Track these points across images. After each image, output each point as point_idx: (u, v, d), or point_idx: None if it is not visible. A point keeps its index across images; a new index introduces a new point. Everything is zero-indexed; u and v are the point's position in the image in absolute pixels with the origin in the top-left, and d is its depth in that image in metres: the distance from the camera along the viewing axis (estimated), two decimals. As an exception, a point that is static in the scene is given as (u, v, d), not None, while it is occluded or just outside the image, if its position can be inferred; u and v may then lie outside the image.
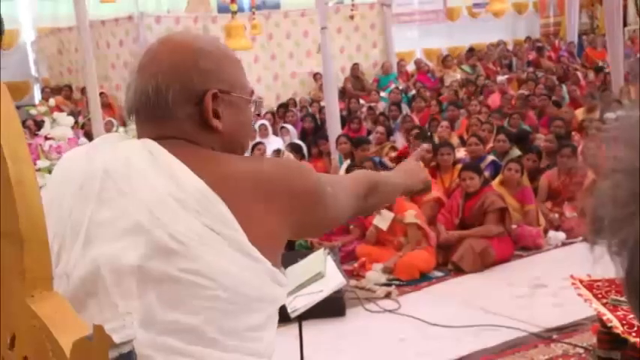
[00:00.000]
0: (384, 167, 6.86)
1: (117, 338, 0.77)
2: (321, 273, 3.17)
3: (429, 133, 8.20)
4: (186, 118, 1.29)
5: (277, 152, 7.23)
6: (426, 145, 1.52)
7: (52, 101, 4.55)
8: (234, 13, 6.80)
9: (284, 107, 10.99)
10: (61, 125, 3.49)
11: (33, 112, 4.13)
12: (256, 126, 8.74)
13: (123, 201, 1.18)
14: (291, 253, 5.52)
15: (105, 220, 1.17)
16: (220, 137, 1.32)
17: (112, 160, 1.23)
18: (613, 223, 0.57)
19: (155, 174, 1.20)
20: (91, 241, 1.15)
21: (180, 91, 1.28)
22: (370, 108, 10.46)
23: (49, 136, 3.39)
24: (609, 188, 0.57)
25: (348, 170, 6.59)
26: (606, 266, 0.64)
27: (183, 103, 1.29)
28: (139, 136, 1.32)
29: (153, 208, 1.17)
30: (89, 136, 7.34)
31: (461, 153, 7.28)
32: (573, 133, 7.87)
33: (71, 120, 3.62)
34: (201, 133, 1.30)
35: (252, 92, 1.41)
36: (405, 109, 10.45)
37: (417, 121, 9.01)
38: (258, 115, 8.85)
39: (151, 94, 1.28)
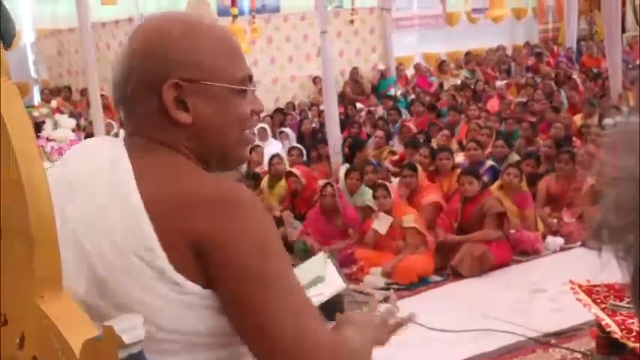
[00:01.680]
0: (384, 171, 6.87)
1: (127, 339, 0.78)
2: (321, 277, 3.17)
3: (423, 140, 8.19)
4: (148, 112, 1.17)
5: (276, 157, 7.21)
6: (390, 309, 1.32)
7: (53, 103, 4.56)
8: (234, 16, 6.81)
9: (281, 111, 10.98)
10: (63, 127, 3.49)
11: (35, 113, 4.14)
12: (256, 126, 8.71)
13: (74, 220, 1.08)
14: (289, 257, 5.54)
15: (63, 238, 1.01)
16: (192, 132, 1.18)
17: (78, 174, 1.15)
18: (619, 229, 0.58)
19: (106, 190, 1.10)
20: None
21: (139, 81, 1.17)
22: (369, 112, 10.47)
23: (50, 138, 3.39)
24: (614, 195, 0.58)
25: (347, 174, 6.61)
26: (606, 271, 0.65)
27: (143, 95, 1.17)
28: (124, 129, 1.25)
29: (91, 231, 1.08)
30: (89, 137, 7.36)
31: (460, 157, 7.30)
32: (574, 138, 7.89)
33: (73, 122, 3.63)
34: (168, 128, 1.17)
35: (248, 79, 1.25)
36: (405, 113, 10.46)
37: (414, 127, 9.02)
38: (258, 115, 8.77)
39: (116, 84, 1.21)
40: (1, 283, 0.94)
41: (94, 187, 1.11)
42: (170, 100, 1.15)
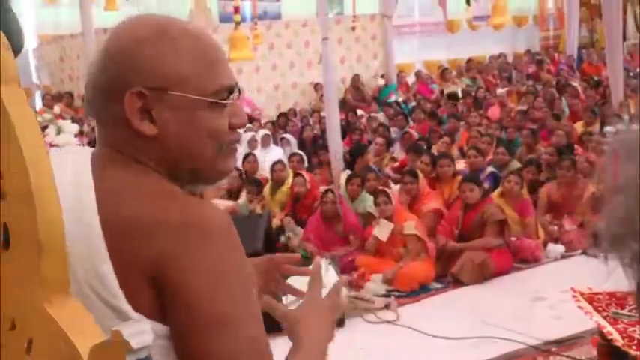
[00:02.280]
0: (384, 177, 6.88)
1: (135, 343, 0.79)
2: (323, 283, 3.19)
3: (424, 147, 8.21)
4: (113, 121, 1.09)
5: (279, 163, 7.22)
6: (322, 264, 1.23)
7: (56, 108, 4.57)
8: (237, 23, 6.83)
9: (284, 116, 11.00)
10: (66, 132, 3.50)
11: (38, 119, 4.15)
12: (246, 138, 8.64)
13: None
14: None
15: None
16: (158, 145, 1.08)
17: None
18: (623, 237, 0.59)
19: (65, 206, 0.97)
20: None
21: (102, 87, 1.08)
22: (370, 117, 10.49)
23: (53, 144, 3.40)
24: (618, 204, 0.59)
25: (348, 180, 6.62)
26: (608, 279, 0.66)
27: (110, 103, 1.08)
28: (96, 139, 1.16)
29: None
30: (93, 144, 7.39)
31: (460, 165, 7.31)
32: (576, 146, 7.90)
33: (76, 127, 3.63)
34: (133, 139, 1.08)
35: (226, 91, 1.11)
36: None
37: (415, 134, 9.03)
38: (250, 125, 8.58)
39: (88, 88, 1.12)
40: (9, 288, 0.94)
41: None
42: (133, 109, 1.06)
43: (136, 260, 0.98)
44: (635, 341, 2.47)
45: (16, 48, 1.23)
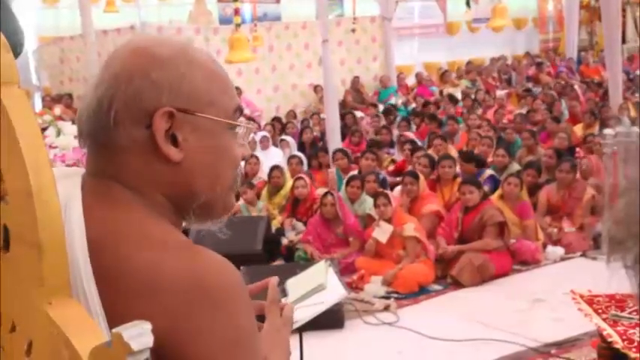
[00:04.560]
0: (384, 184, 6.86)
1: (135, 345, 0.78)
2: (323, 285, 3.18)
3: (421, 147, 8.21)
4: (132, 146, 0.99)
5: (276, 169, 7.20)
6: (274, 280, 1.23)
7: (57, 110, 4.58)
8: (237, 25, 6.84)
9: (278, 121, 10.97)
10: (66, 134, 3.51)
11: (39, 120, 4.16)
12: (258, 140, 8.69)
13: None
14: (290, 265, 5.54)
15: None
16: (179, 172, 1.00)
17: None
18: (628, 238, 0.59)
19: None
20: None
21: (124, 107, 0.98)
22: (377, 116, 10.50)
23: (53, 145, 3.40)
24: (622, 206, 0.59)
25: (348, 182, 6.61)
26: (608, 281, 0.66)
27: (129, 125, 0.98)
28: (85, 167, 1.05)
29: None
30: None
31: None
32: (578, 149, 7.91)
33: (75, 129, 3.63)
34: (150, 165, 0.99)
35: (239, 113, 1.06)
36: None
37: (410, 135, 9.04)
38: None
39: (91, 110, 1.00)
40: (9, 290, 0.94)
41: None
42: (162, 131, 0.97)
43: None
44: (635, 344, 2.46)
45: (17, 49, 1.22)
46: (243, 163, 1.14)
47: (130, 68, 0.99)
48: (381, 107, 11.80)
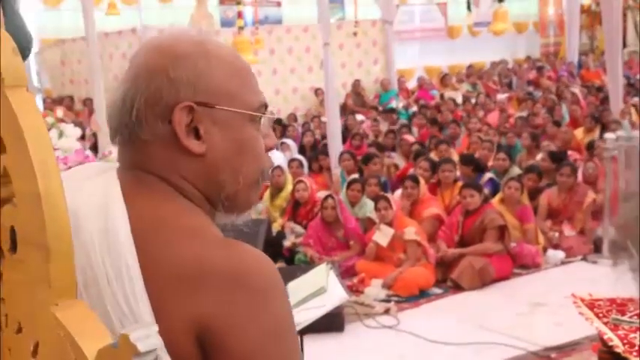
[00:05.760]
0: (385, 188, 6.87)
1: (142, 347, 0.79)
2: (324, 287, 3.19)
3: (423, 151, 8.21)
4: (156, 140, 1.02)
5: (277, 169, 7.22)
6: None
7: (59, 112, 4.59)
8: (240, 28, 6.85)
9: (279, 123, 10.97)
10: (68, 136, 3.52)
11: (41, 123, 4.16)
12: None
13: None
14: (291, 268, 5.54)
15: None
16: (204, 166, 1.03)
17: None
18: (632, 242, 0.59)
19: (99, 242, 0.96)
20: None
21: (146, 103, 1.01)
22: (375, 120, 10.50)
23: (55, 148, 3.41)
24: (628, 209, 0.60)
25: (349, 185, 6.62)
26: (608, 285, 0.67)
27: (151, 120, 1.02)
28: (118, 162, 1.09)
29: (82, 289, 0.95)
30: (94, 149, 7.44)
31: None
32: (569, 152, 7.91)
33: (78, 131, 3.65)
34: (175, 160, 1.03)
35: (264, 106, 1.09)
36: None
37: (411, 138, 9.04)
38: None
39: (114, 110, 1.05)
40: (16, 291, 0.95)
41: (82, 237, 0.96)
42: (182, 125, 1.01)
43: (181, 314, 0.92)
44: (636, 348, 2.47)
45: (25, 52, 1.23)
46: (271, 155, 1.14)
47: (150, 67, 1.03)
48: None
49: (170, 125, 1.01)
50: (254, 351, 0.93)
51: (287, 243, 6.26)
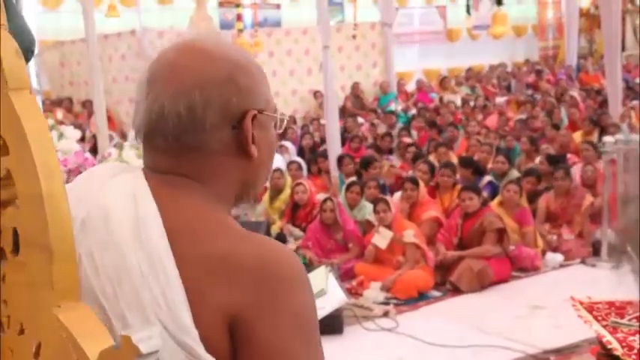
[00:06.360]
0: (384, 190, 6.87)
1: (144, 348, 0.79)
2: (323, 290, 3.19)
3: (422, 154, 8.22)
4: (220, 146, 1.07)
5: (277, 171, 7.22)
6: None
7: (59, 114, 4.59)
8: (240, 30, 6.86)
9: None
10: (68, 138, 3.52)
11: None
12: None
13: (91, 266, 0.96)
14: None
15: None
16: (252, 166, 1.10)
17: (92, 209, 1.00)
18: (632, 245, 0.60)
19: (132, 238, 0.97)
20: None
21: (218, 111, 1.05)
22: (373, 124, 10.50)
23: (55, 149, 3.41)
24: (630, 213, 0.60)
25: (348, 188, 6.63)
26: (607, 289, 0.67)
27: (222, 127, 1.06)
28: (146, 165, 1.10)
29: (116, 285, 0.95)
30: (94, 151, 7.42)
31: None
32: (568, 156, 7.92)
33: (78, 133, 3.65)
34: (232, 164, 1.08)
35: (276, 108, 1.16)
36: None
37: (408, 140, 9.04)
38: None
39: (183, 114, 1.04)
40: (19, 293, 0.95)
41: (112, 233, 0.98)
42: (250, 132, 1.07)
43: (214, 305, 0.96)
44: (635, 351, 2.47)
45: (28, 56, 1.23)
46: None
47: (217, 73, 1.06)
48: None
49: (234, 131, 1.07)
50: (283, 337, 0.97)
51: (290, 245, 6.26)
